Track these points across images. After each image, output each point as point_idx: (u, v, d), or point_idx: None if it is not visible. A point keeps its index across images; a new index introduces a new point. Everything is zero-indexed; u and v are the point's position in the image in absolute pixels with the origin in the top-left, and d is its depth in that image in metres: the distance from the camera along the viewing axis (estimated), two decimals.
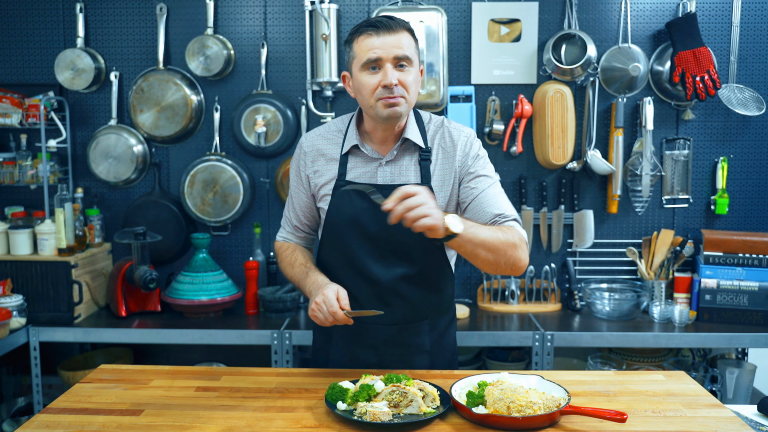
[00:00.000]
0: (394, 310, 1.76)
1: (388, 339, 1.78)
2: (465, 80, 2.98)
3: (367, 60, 1.64)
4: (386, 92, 1.63)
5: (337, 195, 1.74)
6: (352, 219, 1.72)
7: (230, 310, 2.94)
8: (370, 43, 1.63)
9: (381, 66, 1.64)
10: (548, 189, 3.02)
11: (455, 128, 1.79)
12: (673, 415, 1.48)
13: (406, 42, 1.66)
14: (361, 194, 1.70)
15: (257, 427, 1.42)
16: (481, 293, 3.00)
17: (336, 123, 1.83)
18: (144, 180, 3.08)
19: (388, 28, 1.64)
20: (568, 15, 2.94)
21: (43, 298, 2.72)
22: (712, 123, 3.00)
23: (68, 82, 2.97)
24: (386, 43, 1.63)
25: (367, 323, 1.76)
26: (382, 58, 1.63)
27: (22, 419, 2.86)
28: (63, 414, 1.49)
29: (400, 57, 1.64)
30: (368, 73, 1.65)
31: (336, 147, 1.79)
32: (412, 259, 1.75)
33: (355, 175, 1.75)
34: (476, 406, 1.43)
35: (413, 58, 1.67)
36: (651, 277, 2.90)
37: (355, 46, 1.67)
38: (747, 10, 2.93)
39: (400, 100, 1.65)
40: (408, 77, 1.65)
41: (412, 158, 1.75)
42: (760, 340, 2.62)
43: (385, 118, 1.67)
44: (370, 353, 1.79)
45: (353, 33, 1.69)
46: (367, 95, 1.66)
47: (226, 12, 3.00)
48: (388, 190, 1.65)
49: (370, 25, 1.65)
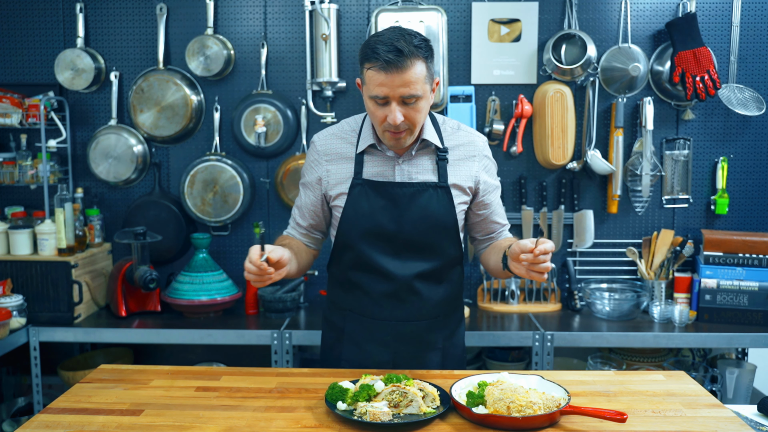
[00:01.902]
0: (408, 307, 1.78)
1: (402, 336, 1.80)
2: (465, 80, 2.98)
3: (374, 95, 1.63)
4: (391, 127, 1.65)
5: (354, 193, 1.75)
6: (369, 217, 1.74)
7: (230, 310, 2.94)
8: (378, 79, 1.60)
9: (388, 103, 1.63)
10: (548, 189, 3.02)
11: (471, 132, 1.85)
12: (673, 415, 1.48)
13: (415, 76, 1.60)
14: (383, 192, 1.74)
15: (257, 427, 1.42)
16: (481, 293, 3.00)
17: (349, 122, 1.85)
18: (144, 180, 3.08)
19: (397, 67, 1.57)
20: (568, 15, 2.94)
21: (43, 298, 2.72)
22: (712, 123, 3.00)
23: (68, 82, 2.96)
24: (394, 83, 1.59)
25: (382, 320, 1.78)
26: (389, 96, 1.62)
27: (22, 419, 2.86)
28: (63, 414, 1.49)
29: (407, 96, 1.62)
30: (375, 104, 1.65)
31: (350, 146, 1.80)
32: (427, 257, 1.77)
33: (372, 173, 1.76)
34: (476, 406, 1.43)
35: (422, 92, 1.63)
36: (651, 277, 2.90)
37: (365, 73, 1.64)
38: (747, 10, 2.93)
39: (405, 134, 1.68)
40: (416, 113, 1.65)
41: (431, 157, 1.78)
42: (760, 340, 2.62)
43: (390, 147, 1.73)
44: (384, 351, 1.80)
45: (364, 56, 1.62)
46: (375, 122, 1.70)
47: (226, 12, 3.00)
48: (407, 187, 1.73)
49: (380, 58, 1.58)
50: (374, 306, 1.79)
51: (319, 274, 3.06)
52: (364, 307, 1.80)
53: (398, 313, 1.78)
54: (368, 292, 1.77)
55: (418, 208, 1.73)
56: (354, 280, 1.80)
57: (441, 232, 1.76)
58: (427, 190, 1.74)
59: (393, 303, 1.77)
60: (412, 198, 1.74)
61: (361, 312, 1.81)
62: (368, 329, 1.80)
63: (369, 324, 1.80)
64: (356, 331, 1.82)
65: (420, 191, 1.74)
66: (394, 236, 1.75)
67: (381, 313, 1.79)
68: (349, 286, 1.83)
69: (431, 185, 1.75)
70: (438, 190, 1.75)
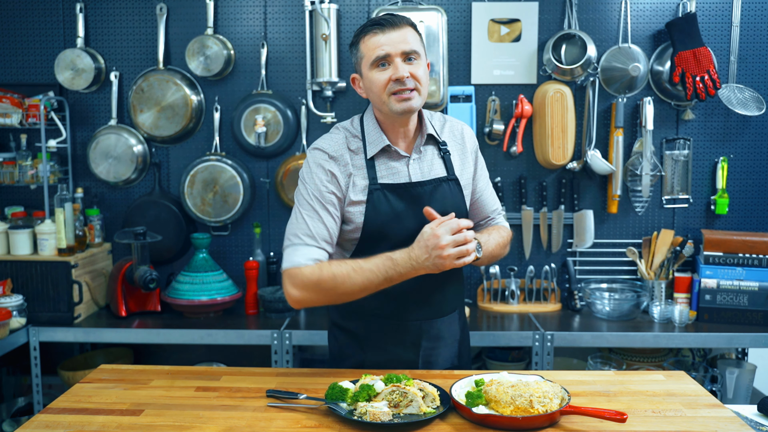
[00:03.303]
0: (433, 305, 1.78)
1: (429, 333, 1.79)
2: (465, 80, 2.98)
3: (375, 57, 1.65)
4: (398, 86, 1.65)
5: (373, 199, 1.70)
6: (392, 218, 1.71)
7: (230, 310, 2.94)
8: (377, 40, 1.65)
9: (390, 62, 1.66)
10: (548, 189, 3.02)
11: (456, 122, 1.87)
12: (673, 415, 1.48)
13: (412, 37, 1.68)
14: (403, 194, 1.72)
15: (257, 427, 1.42)
16: (481, 293, 3.00)
17: (347, 128, 1.78)
18: (144, 180, 3.08)
19: (393, 25, 1.66)
20: (568, 15, 2.94)
21: (43, 298, 2.72)
22: (712, 123, 3.00)
23: (68, 82, 2.97)
24: (392, 39, 1.65)
25: (409, 321, 1.77)
26: (390, 53, 1.65)
27: (22, 419, 2.86)
28: (63, 414, 1.49)
29: (408, 51, 1.66)
30: (378, 69, 1.66)
31: (356, 152, 1.74)
32: None
33: (387, 176, 1.73)
34: (476, 406, 1.43)
35: (420, 52, 1.69)
36: (651, 277, 2.90)
37: (362, 46, 1.68)
38: (747, 10, 2.93)
39: (413, 94, 1.66)
40: (418, 70, 1.67)
41: (434, 152, 1.79)
42: (760, 340, 2.62)
43: (399, 113, 1.68)
44: (410, 351, 1.78)
45: (358, 34, 1.70)
46: (378, 92, 1.67)
47: (226, 12, 3.00)
48: (425, 186, 1.73)
49: (375, 23, 1.67)
50: (400, 308, 1.76)
51: None
52: (390, 310, 1.76)
53: (425, 311, 1.77)
54: (395, 295, 1.72)
55: (438, 204, 1.71)
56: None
57: None
58: (441, 185, 1.75)
59: (418, 302, 1.76)
60: (432, 195, 1.73)
61: (386, 316, 1.77)
62: (394, 331, 1.78)
63: (395, 326, 1.77)
64: (380, 335, 1.79)
65: (436, 187, 1.74)
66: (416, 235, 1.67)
67: (408, 314, 1.76)
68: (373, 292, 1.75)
69: (443, 180, 1.76)
70: (449, 183, 1.77)
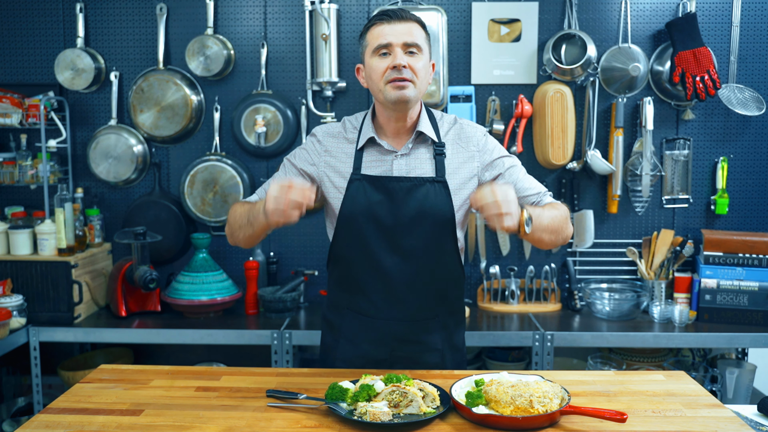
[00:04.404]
0: (405, 306, 1.77)
1: (400, 335, 1.78)
2: (465, 80, 2.98)
3: (377, 45, 1.69)
4: (395, 73, 1.67)
5: (352, 189, 1.75)
6: (367, 211, 1.73)
7: (230, 310, 2.94)
8: (382, 30, 1.70)
9: (391, 51, 1.69)
10: (548, 189, 3.01)
11: (468, 125, 1.84)
12: (673, 415, 1.48)
13: (417, 32, 1.71)
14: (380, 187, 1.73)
15: (257, 427, 1.42)
16: (481, 293, 3.00)
17: (350, 120, 1.86)
18: (144, 180, 3.08)
19: (400, 18, 1.70)
20: (568, 15, 2.94)
21: (43, 298, 2.72)
22: (712, 123, 3.00)
23: (68, 82, 2.97)
24: (396, 30, 1.69)
25: (379, 319, 1.77)
26: (392, 43, 1.68)
27: (22, 419, 2.86)
28: (63, 414, 1.49)
29: (410, 43, 1.69)
30: (379, 57, 1.70)
31: (350, 142, 1.81)
32: (425, 254, 1.76)
33: (370, 168, 1.77)
34: (476, 406, 1.43)
35: (423, 47, 1.72)
36: (651, 277, 2.90)
37: (368, 35, 1.74)
38: (747, 10, 2.93)
39: (408, 84, 1.68)
40: (418, 63, 1.69)
41: (428, 152, 1.78)
42: (760, 340, 2.62)
43: (394, 101, 1.68)
44: (382, 350, 1.79)
45: (367, 25, 1.76)
46: (377, 79, 1.70)
47: (226, 12, 3.00)
48: (404, 182, 1.73)
49: (383, 14, 1.72)
50: (371, 305, 1.78)
51: (319, 274, 3.06)
52: (362, 305, 1.79)
53: (395, 312, 1.76)
54: (365, 290, 1.76)
55: (415, 203, 1.72)
56: (352, 278, 1.79)
57: (438, 227, 1.75)
58: (423, 185, 1.74)
59: (390, 301, 1.76)
60: (409, 192, 1.73)
61: (358, 311, 1.80)
62: (366, 328, 1.79)
63: (366, 323, 1.78)
64: (353, 330, 1.81)
65: (417, 186, 1.73)
66: (391, 231, 1.73)
67: (378, 312, 1.77)
68: (347, 285, 1.82)
69: (428, 180, 1.74)
70: (435, 184, 1.75)
